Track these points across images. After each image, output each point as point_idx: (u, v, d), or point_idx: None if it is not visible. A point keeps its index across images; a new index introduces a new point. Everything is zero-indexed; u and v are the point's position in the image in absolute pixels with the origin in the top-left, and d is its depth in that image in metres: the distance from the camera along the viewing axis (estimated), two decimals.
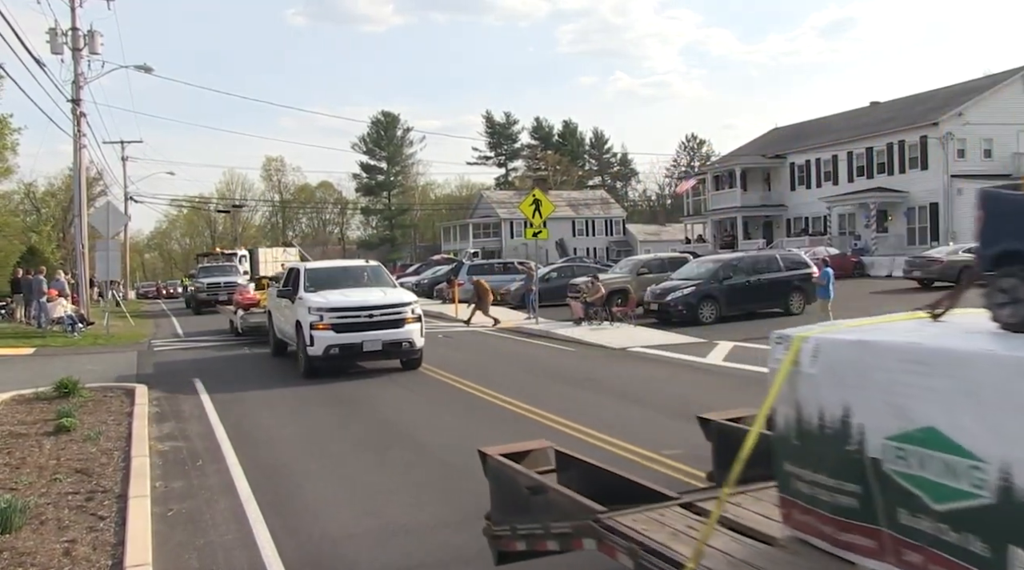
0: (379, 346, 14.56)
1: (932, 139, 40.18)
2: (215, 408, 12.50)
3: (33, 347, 21.40)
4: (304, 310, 14.69)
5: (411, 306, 14.99)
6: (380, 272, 17.05)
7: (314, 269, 16.64)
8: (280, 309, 17.08)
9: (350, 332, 14.37)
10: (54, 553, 5.99)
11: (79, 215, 28.54)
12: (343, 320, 14.39)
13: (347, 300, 14.79)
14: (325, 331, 14.33)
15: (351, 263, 18.90)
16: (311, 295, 15.01)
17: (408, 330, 14.79)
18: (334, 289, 15.38)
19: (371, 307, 14.61)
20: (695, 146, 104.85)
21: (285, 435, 10.61)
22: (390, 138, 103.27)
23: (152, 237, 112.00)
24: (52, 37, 26.72)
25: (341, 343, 14.36)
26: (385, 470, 8.66)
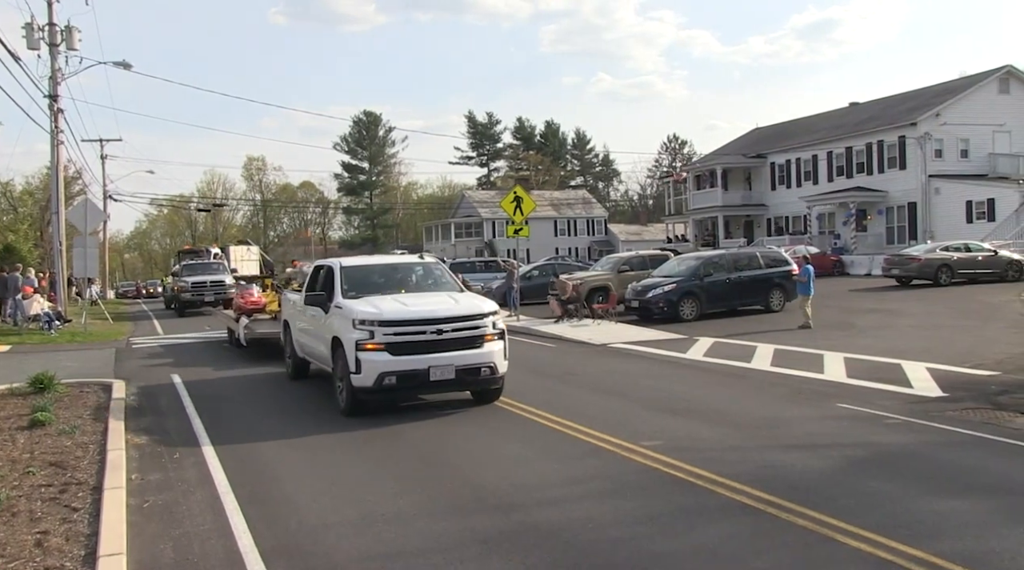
0: (451, 373, 10.47)
1: (910, 139, 40.54)
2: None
3: (9, 344, 21.15)
4: (346, 324, 10.71)
5: (492, 318, 10.89)
6: (439, 271, 12.99)
7: (353, 267, 12.52)
8: (304, 320, 13.11)
9: (412, 354, 10.33)
10: (25, 544, 5.92)
11: (57, 212, 28.24)
12: (403, 338, 10.36)
13: (407, 310, 10.65)
14: (377, 353, 10.29)
15: (401, 259, 14.14)
16: (354, 303, 11.02)
17: (488, 351, 10.72)
18: (381, 294, 11.51)
19: (440, 320, 10.51)
20: (677, 146, 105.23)
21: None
22: (372, 138, 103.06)
23: (132, 237, 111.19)
24: (28, 32, 26.39)
25: (400, 370, 10.30)
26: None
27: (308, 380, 13.92)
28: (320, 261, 14.35)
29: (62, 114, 28.06)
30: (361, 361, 10.32)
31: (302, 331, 13.45)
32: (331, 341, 11.20)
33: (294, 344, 13.99)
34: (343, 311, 11.00)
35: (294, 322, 13.97)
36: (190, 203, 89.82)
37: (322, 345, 11.87)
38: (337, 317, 11.18)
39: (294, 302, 14.05)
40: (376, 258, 15.01)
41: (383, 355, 10.31)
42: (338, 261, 12.74)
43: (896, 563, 5.31)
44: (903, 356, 13.85)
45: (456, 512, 6.78)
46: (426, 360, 10.36)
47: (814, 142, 47.49)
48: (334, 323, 11.26)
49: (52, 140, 27.75)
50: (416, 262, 13.24)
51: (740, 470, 7.47)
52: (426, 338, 10.42)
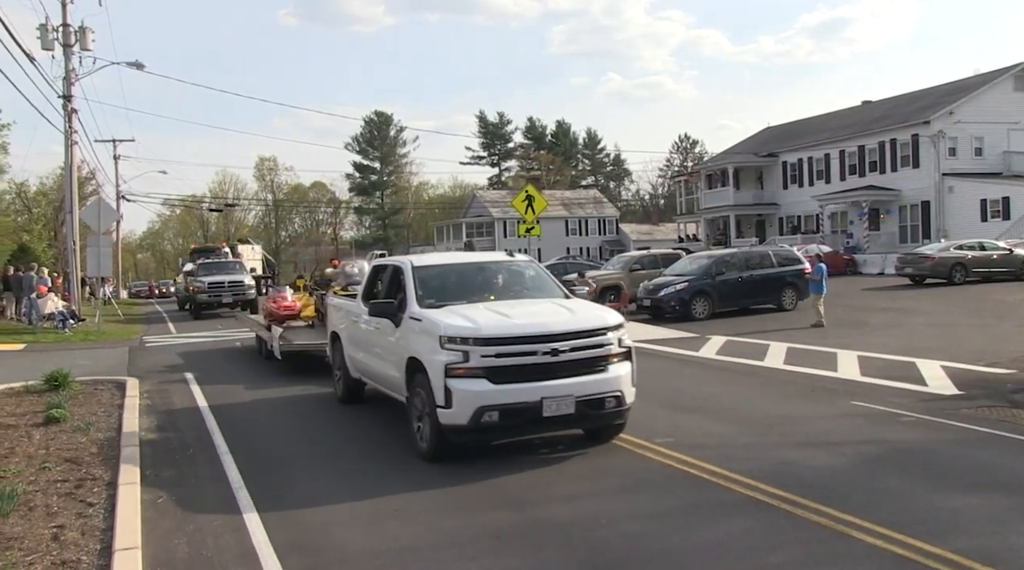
0: (570, 406, 7.91)
1: (923, 138, 40.32)
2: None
3: (23, 343, 21.29)
4: (428, 342, 8.22)
5: (617, 332, 8.43)
6: (534, 271, 10.35)
7: (428, 268, 9.86)
8: (362, 333, 10.56)
9: (519, 382, 7.83)
10: (43, 537, 5.97)
11: (70, 212, 28.42)
12: (507, 360, 7.85)
13: (511, 323, 8.12)
14: (473, 381, 7.80)
15: (487, 257, 11.19)
16: (438, 314, 8.48)
17: (614, 375, 8.22)
18: (467, 301, 9.03)
19: (556, 335, 8.00)
20: (688, 146, 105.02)
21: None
22: (383, 138, 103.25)
23: (145, 237, 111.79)
24: (43, 33, 26.58)
25: (504, 403, 7.79)
26: None
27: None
28: (381, 260, 11.85)
29: (76, 114, 28.26)
30: (452, 392, 7.75)
31: (359, 347, 10.76)
32: (405, 363, 8.65)
33: (346, 361, 11.27)
34: (423, 325, 8.40)
35: (347, 335, 11.29)
36: (202, 203, 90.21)
37: (391, 367, 9.29)
38: (414, 332, 8.59)
39: (346, 310, 11.50)
40: (454, 256, 11.57)
41: (481, 383, 7.76)
42: (408, 260, 10.03)
43: (913, 559, 5.28)
44: (917, 354, 13.76)
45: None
46: (538, 389, 7.78)
47: (826, 141, 47.30)
48: (410, 340, 8.64)
49: (66, 140, 27.93)
50: (506, 261, 10.34)
51: (754, 467, 7.45)
52: (537, 360, 7.84)
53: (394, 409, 10.02)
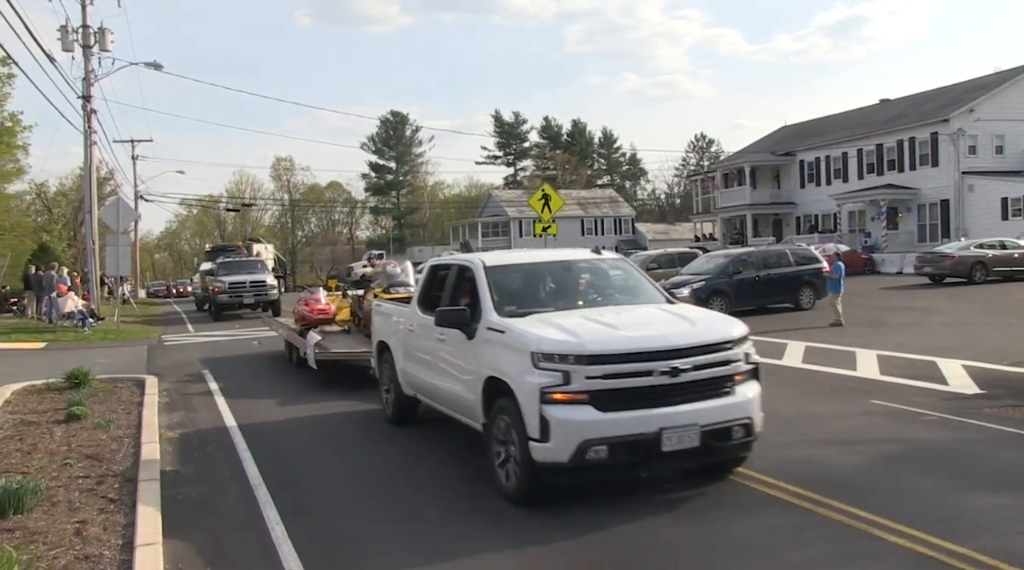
0: (694, 438, 6.48)
1: (943, 136, 40.01)
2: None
3: (44, 341, 21.49)
4: (515, 358, 6.75)
5: (744, 346, 7.00)
6: (624, 271, 8.80)
7: (504, 267, 8.26)
8: (420, 344, 8.94)
9: (633, 408, 6.40)
10: (65, 532, 6.02)
11: (90, 212, 28.63)
12: (618, 383, 6.40)
13: (621, 336, 6.67)
14: (576, 407, 6.35)
15: (571, 254, 9.12)
16: (525, 325, 7.00)
17: (743, 399, 6.82)
18: (555, 308, 7.61)
19: (676, 350, 6.56)
20: (704, 145, 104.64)
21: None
22: (399, 138, 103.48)
23: (162, 237, 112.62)
24: (63, 34, 26.81)
25: (614, 436, 6.33)
26: None
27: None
28: (441, 259, 10.10)
29: (95, 115, 28.45)
30: (550, 422, 6.25)
31: (416, 361, 9.10)
32: (482, 384, 7.14)
33: (397, 376, 9.66)
34: (508, 337, 6.92)
35: (399, 346, 9.65)
36: (219, 203, 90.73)
37: (461, 387, 7.75)
38: (495, 347, 7.09)
39: (397, 317, 9.83)
40: (530, 254, 9.39)
41: (586, 411, 6.26)
42: (477, 259, 8.29)
43: (938, 559, 5.23)
44: (938, 353, 13.64)
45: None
46: (655, 418, 6.32)
47: (844, 139, 47.02)
48: (489, 356, 7.14)
49: (85, 140, 28.14)
50: (593, 258, 8.74)
51: (774, 465, 7.40)
52: (654, 381, 6.38)
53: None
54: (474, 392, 7.37)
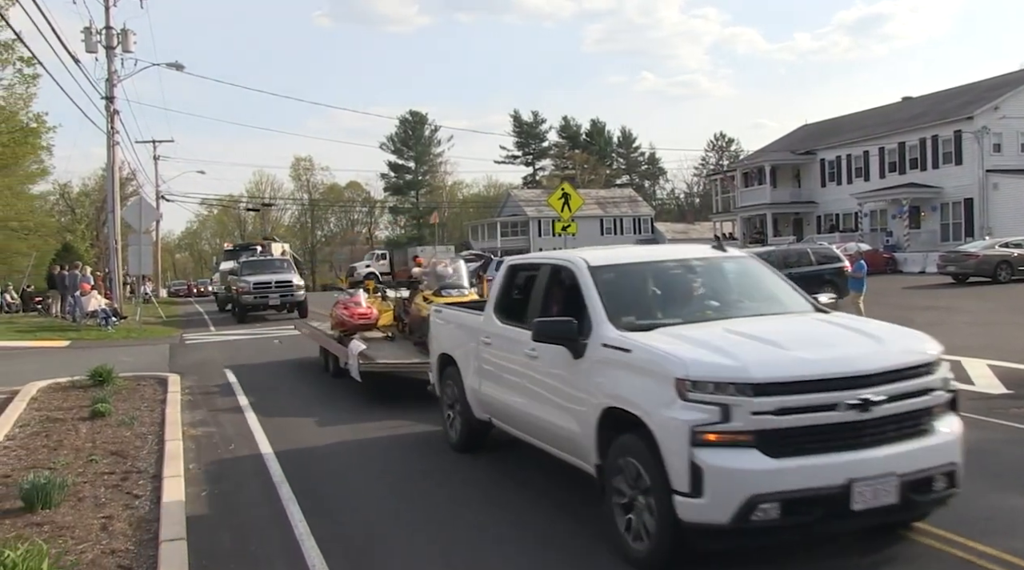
0: (892, 492, 4.94)
1: (967, 134, 39.58)
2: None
3: (68, 340, 21.72)
4: (650, 385, 5.26)
5: (942, 369, 5.54)
6: (757, 269, 7.19)
7: (614, 268, 6.77)
8: (500, 360, 7.50)
9: (812, 453, 4.90)
10: (92, 527, 6.08)
11: (112, 211, 28.91)
12: (795, 418, 4.89)
13: (795, 357, 5.16)
14: (739, 451, 4.86)
15: (685, 251, 7.66)
16: (657, 340, 5.60)
17: (945, 438, 5.31)
18: (683, 320, 6.15)
19: (864, 376, 5.02)
20: (724, 145, 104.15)
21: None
22: (418, 137, 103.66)
23: (183, 237, 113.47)
24: (87, 36, 27.10)
25: (790, 490, 4.82)
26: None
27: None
28: (524, 258, 8.80)
29: (118, 115, 28.74)
30: (704, 470, 4.81)
31: (493, 379, 7.57)
32: (598, 416, 5.68)
33: (467, 396, 8.11)
34: (636, 357, 5.46)
35: (469, 360, 8.11)
36: (239, 203, 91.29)
37: (563, 417, 6.24)
38: (616, 369, 5.61)
39: (465, 326, 8.38)
40: (638, 251, 8.03)
41: (752, 456, 4.82)
42: (579, 258, 6.72)
43: (971, 561, 5.16)
44: (962, 353, 13.46)
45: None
46: (843, 466, 4.85)
47: (865, 138, 46.65)
48: (606, 379, 5.68)
49: (108, 141, 28.42)
50: (717, 256, 7.11)
51: None
52: (839, 418, 4.90)
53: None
54: (584, 425, 5.87)
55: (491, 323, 7.69)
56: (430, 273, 13.06)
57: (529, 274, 7.69)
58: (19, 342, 20.82)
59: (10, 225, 44.61)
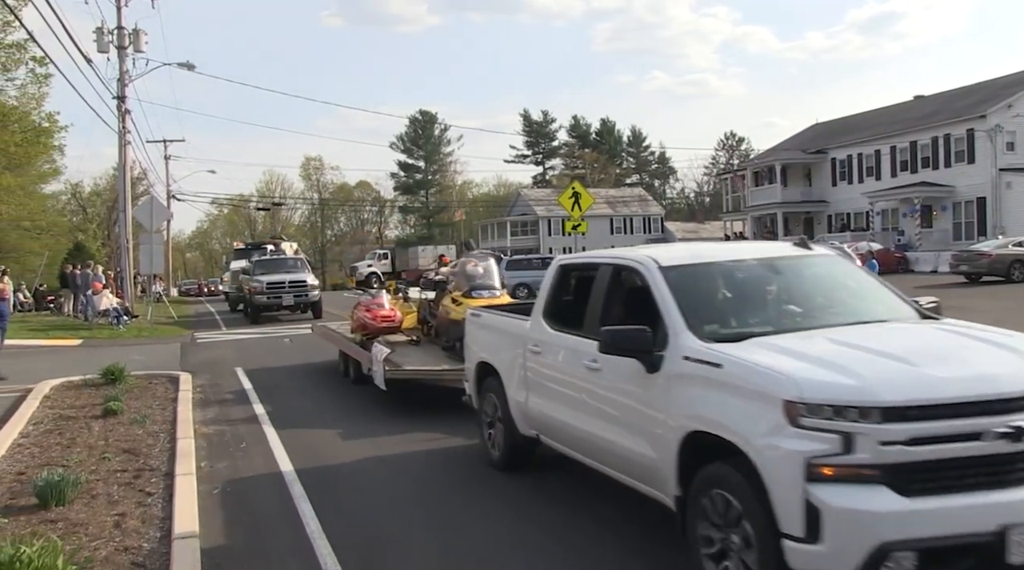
0: None
1: (979, 132, 39.35)
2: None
3: (80, 338, 21.85)
4: (751, 407, 4.40)
5: None
6: (849, 271, 6.49)
7: (689, 268, 5.86)
8: (553, 370, 6.71)
9: (955, 491, 4.04)
10: (105, 524, 6.11)
11: (123, 211, 29.08)
12: (932, 449, 4.05)
13: (928, 376, 4.27)
14: (864, 488, 4.01)
15: (768, 249, 7.11)
16: (753, 354, 4.68)
17: None
18: (773, 328, 5.27)
19: (1011, 399, 4.16)
20: (734, 144, 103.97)
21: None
22: (428, 137, 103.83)
23: (193, 236, 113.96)
24: (99, 36, 27.29)
25: (929, 536, 3.93)
26: None
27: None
28: (576, 257, 7.80)
29: (129, 115, 28.91)
30: (823, 511, 4.03)
31: (544, 392, 6.75)
32: (680, 441, 4.88)
33: (511, 409, 7.28)
34: (729, 374, 4.66)
35: (514, 371, 7.27)
36: (249, 203, 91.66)
37: (633, 439, 5.43)
38: (703, 386, 4.81)
39: (509, 332, 7.53)
40: (712, 249, 7.07)
41: (882, 495, 4.03)
42: (647, 257, 5.87)
43: None
44: None
45: None
46: (993, 508, 4.04)
47: (877, 137, 46.46)
48: (690, 398, 4.88)
49: (120, 140, 28.58)
50: (803, 256, 6.22)
51: None
52: (986, 449, 4.11)
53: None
54: (661, 449, 5.05)
55: (540, 329, 6.90)
56: (459, 273, 12.02)
57: (584, 275, 6.93)
58: (32, 341, 20.93)
59: (23, 224, 44.89)
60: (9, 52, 29.66)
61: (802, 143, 54.77)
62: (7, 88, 32.27)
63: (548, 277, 7.25)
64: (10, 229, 43.06)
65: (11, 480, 7.44)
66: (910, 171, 43.85)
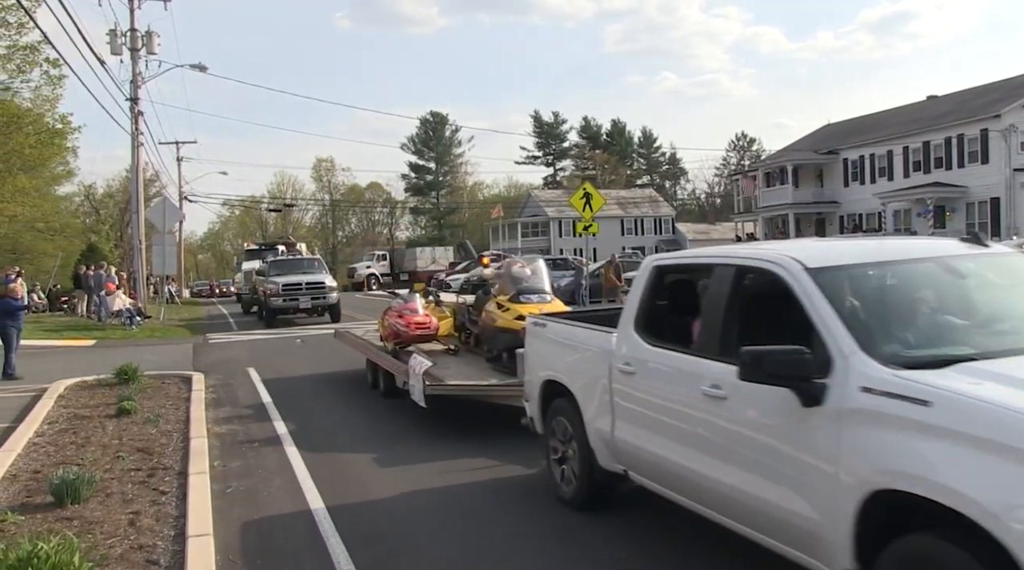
0: None
1: (993, 132, 39.08)
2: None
3: (94, 339, 21.98)
4: (1008, 469, 3.11)
5: None
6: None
7: (844, 269, 4.52)
8: (653, 398, 5.38)
9: None
10: (120, 523, 6.15)
11: (136, 212, 29.23)
12: None
13: None
14: None
15: (932, 246, 5.34)
16: (988, 391, 3.39)
17: None
18: (972, 348, 4.01)
19: None
20: (745, 145, 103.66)
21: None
22: (439, 138, 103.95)
23: (205, 238, 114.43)
24: (112, 38, 27.48)
25: None
26: None
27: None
28: (678, 256, 6.62)
29: (142, 116, 29.06)
30: None
31: (639, 420, 5.52)
32: (860, 502, 3.67)
33: (589, 439, 6.07)
34: (945, 416, 3.40)
35: (593, 391, 6.04)
36: (261, 204, 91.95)
37: (783, 494, 4.18)
38: (895, 429, 3.57)
39: (586, 345, 6.29)
40: (869, 246, 5.29)
41: None
42: (787, 256, 4.63)
43: None
44: None
45: None
46: None
47: (889, 137, 46.21)
48: (875, 444, 3.65)
49: (132, 142, 28.74)
50: (980, 254, 4.98)
51: None
52: None
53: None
54: (825, 510, 3.88)
55: (633, 345, 5.59)
56: (504, 275, 10.80)
57: (689, 279, 5.94)
58: (46, 341, 21.07)
59: (37, 226, 45.13)
60: (24, 54, 29.88)
61: (814, 144, 54.54)
62: (22, 90, 32.53)
63: (640, 281, 5.99)
64: (24, 231, 43.29)
65: (27, 478, 7.50)
66: (923, 171, 43.59)
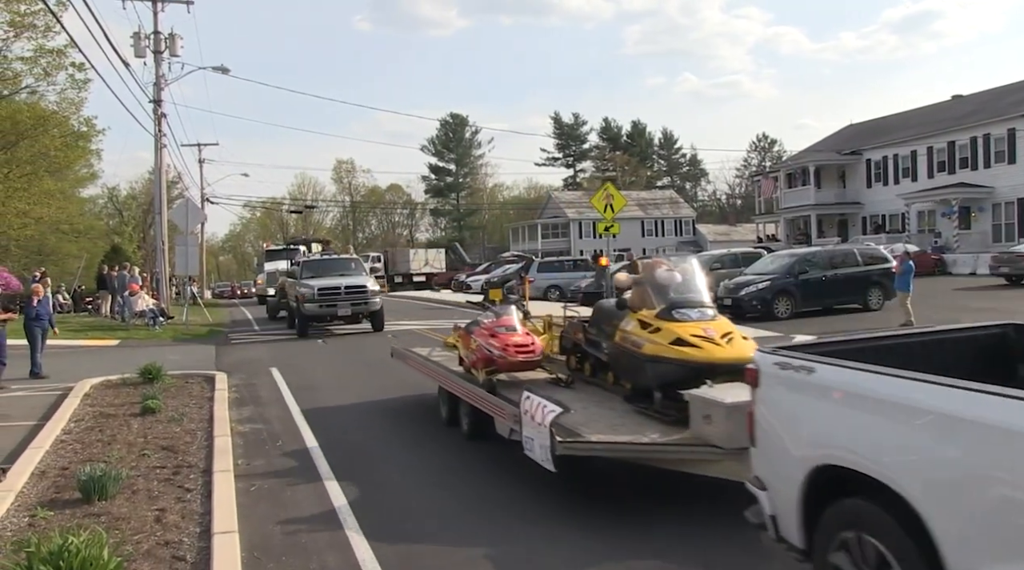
0: None
1: (1021, 131, 38.62)
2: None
3: (118, 339, 22.18)
4: None
5: None
6: None
7: None
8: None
9: None
10: (146, 519, 6.21)
11: (159, 213, 29.45)
12: None
13: None
14: None
15: None
16: None
17: None
18: None
19: None
20: (766, 146, 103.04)
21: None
22: (459, 140, 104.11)
23: (227, 239, 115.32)
24: (136, 41, 27.71)
25: None
26: None
27: None
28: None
29: (165, 119, 29.28)
30: None
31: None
32: None
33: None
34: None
35: (971, 511, 3.02)
36: (282, 205, 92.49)
37: None
38: None
39: (968, 425, 3.07)
40: None
41: None
42: None
43: None
44: None
45: None
46: None
47: (913, 137, 45.79)
48: None
49: (156, 144, 28.96)
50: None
51: None
52: None
53: None
54: None
55: None
56: (645, 281, 7.91)
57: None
58: (72, 341, 21.27)
59: (62, 228, 45.65)
60: (50, 58, 30.27)
61: (836, 144, 54.13)
62: (48, 94, 32.95)
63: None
64: (50, 232, 43.80)
65: (55, 475, 7.59)
66: (947, 172, 43.15)
